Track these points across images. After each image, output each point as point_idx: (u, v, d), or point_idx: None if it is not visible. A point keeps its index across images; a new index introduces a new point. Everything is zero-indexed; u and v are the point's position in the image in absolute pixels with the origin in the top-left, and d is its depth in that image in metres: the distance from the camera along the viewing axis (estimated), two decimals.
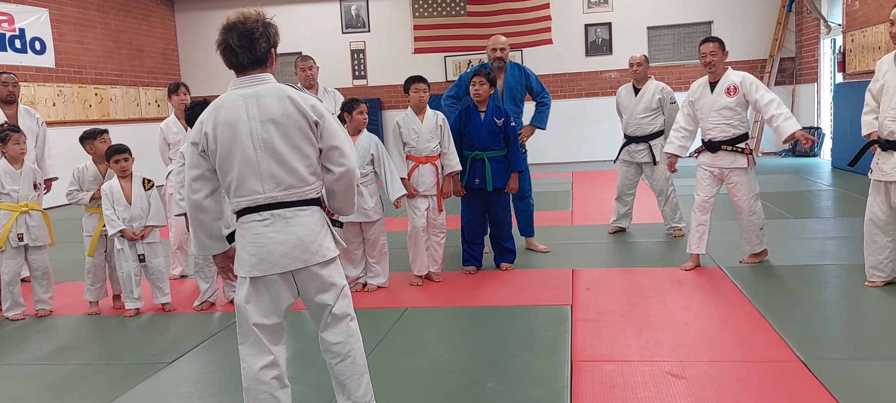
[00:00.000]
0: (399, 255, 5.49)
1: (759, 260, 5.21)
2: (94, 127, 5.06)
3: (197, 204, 2.57)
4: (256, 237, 2.51)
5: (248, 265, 2.53)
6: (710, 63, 5.01)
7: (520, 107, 5.85)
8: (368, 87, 14.70)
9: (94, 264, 4.90)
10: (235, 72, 2.56)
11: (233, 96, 2.52)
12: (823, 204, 7.86)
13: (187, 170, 2.57)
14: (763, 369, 3.33)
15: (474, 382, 3.34)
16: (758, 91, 4.92)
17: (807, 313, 4.13)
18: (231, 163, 2.50)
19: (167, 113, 13.96)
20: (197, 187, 2.56)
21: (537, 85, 5.92)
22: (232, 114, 2.49)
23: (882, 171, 4.19)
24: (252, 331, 2.56)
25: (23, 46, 11.00)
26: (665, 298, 4.52)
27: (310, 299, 2.63)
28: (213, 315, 4.72)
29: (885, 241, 4.33)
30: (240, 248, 2.56)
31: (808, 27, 12.81)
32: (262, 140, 2.48)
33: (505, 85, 5.74)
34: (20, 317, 4.85)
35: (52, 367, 3.91)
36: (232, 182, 2.52)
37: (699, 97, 5.14)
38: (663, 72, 13.40)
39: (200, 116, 2.55)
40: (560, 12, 13.85)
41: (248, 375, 2.58)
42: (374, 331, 4.16)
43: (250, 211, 2.52)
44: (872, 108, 4.34)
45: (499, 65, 5.71)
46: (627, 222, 6.73)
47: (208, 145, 2.51)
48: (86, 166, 4.94)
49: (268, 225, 2.51)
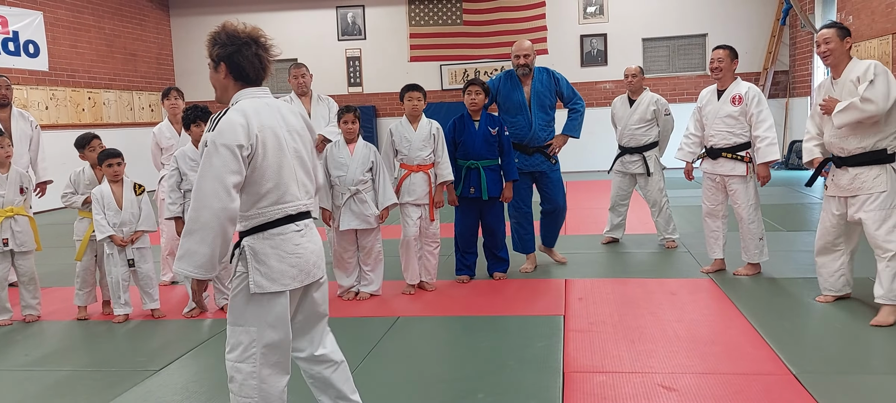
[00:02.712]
0: (392, 264, 5.47)
1: (753, 273, 5.21)
2: (86, 132, 5.02)
3: (232, 214, 2.32)
4: (296, 248, 2.46)
5: (288, 277, 2.44)
6: (717, 69, 5.07)
7: (550, 115, 5.55)
8: (364, 95, 14.70)
9: (84, 268, 4.86)
10: (245, 84, 2.47)
11: (257, 104, 2.44)
12: (815, 217, 7.84)
13: (225, 174, 2.29)
14: (754, 382, 3.31)
15: (466, 392, 3.32)
16: (758, 106, 4.97)
17: (798, 326, 4.13)
18: (274, 170, 2.41)
19: (161, 117, 13.92)
20: (235, 195, 2.33)
21: (568, 90, 5.63)
22: (271, 121, 2.43)
23: (839, 186, 4.21)
24: (280, 348, 2.46)
25: (16, 49, 10.96)
26: (657, 310, 4.51)
27: (314, 310, 2.60)
28: (203, 322, 4.69)
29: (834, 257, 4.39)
30: (274, 261, 2.41)
31: (801, 41, 12.88)
32: (293, 149, 2.50)
33: (532, 91, 5.46)
34: (7, 323, 4.80)
35: (38, 373, 3.87)
36: (271, 190, 2.41)
37: (706, 103, 5.21)
38: (658, 83, 13.45)
39: (236, 120, 2.34)
40: (555, 22, 13.91)
41: (270, 396, 2.46)
42: (366, 340, 4.13)
43: (286, 221, 2.45)
44: (813, 135, 4.37)
45: (523, 71, 5.44)
46: (621, 233, 6.73)
47: (257, 149, 2.36)
48: (83, 170, 4.92)
49: (303, 236, 2.50)
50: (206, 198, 2.29)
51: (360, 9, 14.71)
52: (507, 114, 5.53)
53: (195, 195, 2.33)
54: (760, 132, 4.93)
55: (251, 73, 2.45)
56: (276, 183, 2.42)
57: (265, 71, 2.49)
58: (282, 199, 2.44)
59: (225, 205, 2.30)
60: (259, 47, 2.46)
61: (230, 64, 2.43)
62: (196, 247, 2.31)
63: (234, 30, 2.44)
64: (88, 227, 4.82)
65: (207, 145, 2.34)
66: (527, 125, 5.47)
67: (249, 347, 2.43)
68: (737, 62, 5.09)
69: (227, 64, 2.43)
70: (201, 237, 2.30)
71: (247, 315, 2.43)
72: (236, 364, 2.45)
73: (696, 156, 5.35)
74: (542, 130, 5.51)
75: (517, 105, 5.49)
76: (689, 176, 5.45)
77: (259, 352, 2.43)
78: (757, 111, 4.96)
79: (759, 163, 4.98)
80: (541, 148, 5.53)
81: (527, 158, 5.51)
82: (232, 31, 2.44)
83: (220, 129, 2.33)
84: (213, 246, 2.31)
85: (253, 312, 2.42)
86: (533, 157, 5.53)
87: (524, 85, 5.50)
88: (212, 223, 2.29)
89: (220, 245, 2.33)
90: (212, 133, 2.34)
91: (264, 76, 2.51)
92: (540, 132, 5.49)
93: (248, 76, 2.46)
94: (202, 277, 2.36)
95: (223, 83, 2.47)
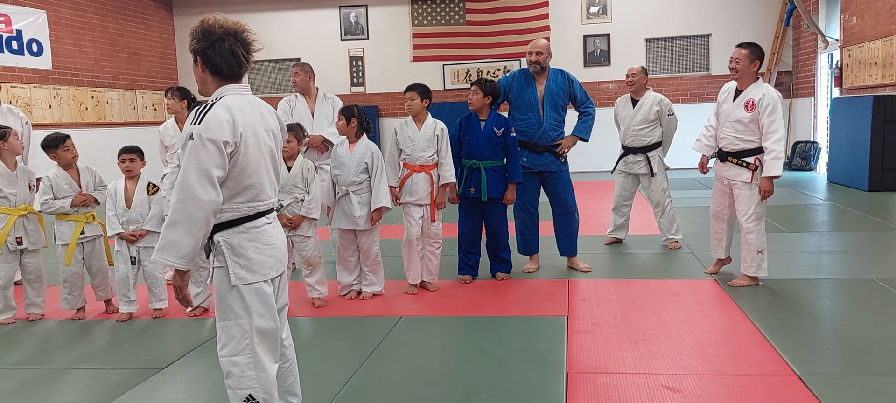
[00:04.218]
0: (395, 263, 5.46)
1: (748, 285, 4.94)
2: (56, 132, 4.79)
3: (216, 207, 2.35)
4: (270, 239, 2.54)
5: (267, 267, 2.51)
6: (734, 69, 4.88)
7: (561, 116, 5.52)
8: (366, 95, 14.70)
9: (72, 272, 4.78)
10: (225, 79, 2.47)
11: (241, 101, 2.46)
12: (819, 218, 7.86)
13: (211, 168, 2.32)
14: (759, 383, 3.31)
15: (468, 393, 3.32)
16: (769, 116, 4.72)
17: (803, 327, 4.11)
18: (253, 167, 2.45)
19: (164, 116, 13.93)
20: (219, 189, 2.36)
21: (581, 93, 5.60)
22: (251, 119, 2.46)
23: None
24: (269, 335, 2.52)
25: (20, 48, 10.98)
26: (661, 310, 4.50)
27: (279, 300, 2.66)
28: (206, 321, 4.69)
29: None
30: (253, 253, 2.47)
31: (805, 42, 12.86)
32: (269, 148, 2.55)
33: (546, 91, 5.44)
34: (10, 321, 4.81)
35: (41, 372, 3.87)
36: (248, 187, 2.45)
37: (723, 101, 5.04)
38: (661, 83, 13.44)
39: (223, 116, 2.36)
40: (559, 22, 13.91)
41: (268, 383, 2.51)
42: (368, 340, 4.13)
43: (260, 216, 2.52)
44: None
45: (536, 68, 5.44)
46: (624, 233, 6.72)
47: (239, 147, 2.40)
48: (56, 174, 4.73)
49: (274, 228, 2.59)
50: (192, 189, 2.30)
51: (362, 8, 14.71)
52: (517, 111, 5.49)
53: (180, 186, 2.32)
54: (768, 144, 4.72)
55: (224, 69, 2.45)
56: (253, 181, 2.46)
57: (241, 66, 2.48)
58: (257, 197, 2.49)
59: (212, 198, 2.33)
60: (237, 42, 2.44)
61: (205, 58, 2.44)
62: (180, 238, 2.32)
63: (210, 25, 2.43)
64: (75, 229, 4.74)
65: (192, 138, 2.33)
66: (537, 123, 5.43)
67: (242, 339, 2.47)
68: (758, 63, 4.81)
69: (202, 58, 2.45)
70: (186, 228, 2.32)
71: (234, 307, 2.47)
72: (232, 359, 2.49)
73: (712, 151, 5.14)
74: (553, 130, 5.47)
75: (528, 103, 5.45)
76: (702, 169, 5.33)
77: (252, 342, 2.48)
78: (768, 121, 4.71)
79: (762, 177, 4.76)
80: (550, 147, 5.49)
81: (536, 157, 5.48)
82: (208, 26, 2.43)
83: (207, 124, 2.34)
84: (197, 237, 2.34)
85: (239, 304, 2.47)
86: (542, 156, 5.48)
87: (538, 83, 5.47)
88: (197, 215, 2.31)
89: (203, 237, 2.36)
90: (198, 127, 2.33)
91: (241, 71, 2.50)
92: (550, 131, 5.46)
93: (222, 71, 2.45)
94: (184, 268, 2.38)
95: (201, 77, 2.49)
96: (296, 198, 4.76)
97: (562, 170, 5.56)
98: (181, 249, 2.32)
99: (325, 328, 4.49)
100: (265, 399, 2.50)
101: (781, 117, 4.78)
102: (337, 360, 3.83)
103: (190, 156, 2.33)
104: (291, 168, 4.76)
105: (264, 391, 2.50)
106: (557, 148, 5.49)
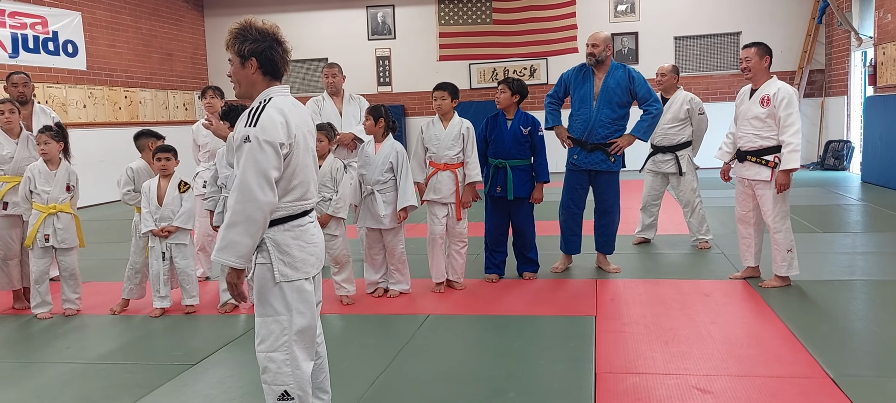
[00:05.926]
0: (422, 262, 5.49)
1: (780, 286, 4.88)
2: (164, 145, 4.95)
3: (274, 208, 2.42)
4: (312, 237, 2.59)
5: (309, 264, 2.56)
6: (746, 68, 4.89)
7: (615, 112, 5.29)
8: (393, 94, 14.76)
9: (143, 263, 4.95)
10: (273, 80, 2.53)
11: (289, 102, 2.52)
12: (852, 219, 7.72)
13: (269, 170, 2.36)
14: (791, 385, 3.26)
15: (497, 391, 3.32)
16: (786, 109, 4.72)
17: (836, 329, 4.05)
18: (302, 167, 2.51)
19: (195, 116, 14.14)
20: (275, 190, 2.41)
21: (644, 90, 5.32)
22: (301, 121, 2.53)
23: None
24: (308, 333, 2.56)
25: (56, 49, 11.22)
26: (691, 311, 4.46)
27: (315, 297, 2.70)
28: (238, 317, 4.75)
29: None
30: (296, 251, 2.51)
31: (838, 39, 12.62)
32: (312, 149, 2.62)
33: (602, 86, 5.27)
34: (47, 316, 4.92)
35: (78, 366, 3.96)
36: (297, 186, 2.50)
37: (740, 103, 5.05)
38: (690, 82, 13.28)
39: (277, 118, 2.40)
40: (586, 21, 13.81)
41: (303, 380, 2.55)
42: (396, 337, 4.16)
43: (305, 214, 2.58)
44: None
45: (591, 61, 5.29)
46: (653, 233, 6.67)
47: (293, 148, 2.45)
48: (139, 166, 4.97)
49: (315, 227, 2.64)
50: (252, 191, 2.35)
51: (389, 8, 14.78)
52: (573, 106, 5.43)
53: (239, 188, 2.37)
54: (785, 137, 4.70)
55: (282, 69, 2.54)
56: (301, 180, 2.51)
57: (287, 68, 2.59)
58: (304, 196, 2.55)
59: (270, 199, 2.38)
60: (280, 46, 2.54)
61: (262, 59, 2.48)
62: (239, 239, 2.37)
63: (262, 26, 2.50)
64: None
65: (249, 140, 2.37)
66: (587, 119, 5.33)
67: (281, 335, 2.51)
68: (768, 59, 4.84)
69: (258, 59, 2.48)
70: (245, 229, 2.37)
71: (275, 304, 2.51)
72: (269, 355, 2.52)
73: (732, 157, 5.13)
74: (604, 127, 5.29)
75: (582, 97, 5.35)
76: (724, 176, 5.30)
77: (290, 339, 2.51)
78: (784, 114, 4.71)
79: (779, 170, 4.73)
80: (602, 145, 5.35)
81: (586, 155, 5.37)
82: (261, 27, 2.50)
83: (263, 126, 2.38)
84: (255, 238, 2.40)
85: (280, 301, 2.50)
86: (593, 155, 5.36)
87: (596, 78, 5.35)
88: (256, 215, 2.37)
89: (260, 237, 2.42)
90: (254, 128, 2.38)
91: (286, 73, 2.59)
92: (599, 128, 5.29)
93: (279, 71, 2.53)
94: (242, 267, 2.42)
95: (251, 78, 2.50)
96: (323, 197, 4.81)
97: (611, 171, 5.42)
98: (240, 249, 2.38)
99: (353, 325, 4.53)
100: (300, 395, 2.54)
101: (798, 111, 4.80)
102: (366, 358, 3.87)
103: (248, 158, 2.37)
104: (321, 167, 4.81)
105: (299, 387, 2.54)
106: (610, 147, 5.33)
